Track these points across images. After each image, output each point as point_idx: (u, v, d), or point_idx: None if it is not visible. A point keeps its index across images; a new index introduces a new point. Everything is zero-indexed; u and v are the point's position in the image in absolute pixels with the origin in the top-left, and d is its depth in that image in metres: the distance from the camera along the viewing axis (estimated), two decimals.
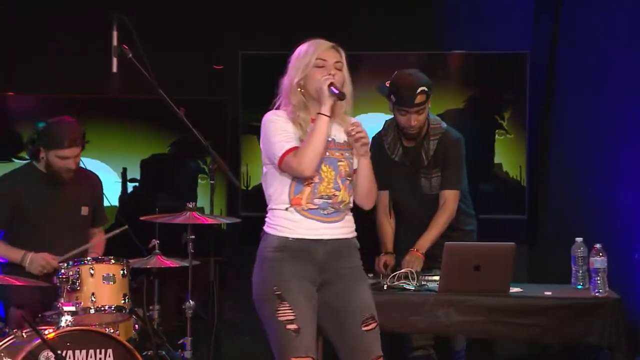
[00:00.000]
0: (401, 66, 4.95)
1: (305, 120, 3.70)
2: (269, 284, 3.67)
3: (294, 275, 3.66)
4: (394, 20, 6.15)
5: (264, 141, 3.73)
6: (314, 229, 3.68)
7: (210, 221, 4.78)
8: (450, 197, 4.76)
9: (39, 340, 4.01)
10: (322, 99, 3.66)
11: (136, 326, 4.69)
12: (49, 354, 4.01)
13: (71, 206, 4.84)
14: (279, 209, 3.70)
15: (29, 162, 4.91)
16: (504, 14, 6.11)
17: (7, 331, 4.17)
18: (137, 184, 6.04)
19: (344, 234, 3.72)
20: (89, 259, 4.47)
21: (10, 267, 4.69)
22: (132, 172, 6.03)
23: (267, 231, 3.73)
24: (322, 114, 3.66)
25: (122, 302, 4.46)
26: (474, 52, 6.03)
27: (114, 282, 4.45)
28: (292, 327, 3.62)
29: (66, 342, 4.10)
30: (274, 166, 3.70)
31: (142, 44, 4.17)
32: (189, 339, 4.71)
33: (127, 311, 4.49)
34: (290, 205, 3.68)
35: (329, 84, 3.65)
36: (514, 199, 5.99)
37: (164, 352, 4.74)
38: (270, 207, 3.75)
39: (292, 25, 5.73)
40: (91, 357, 4.16)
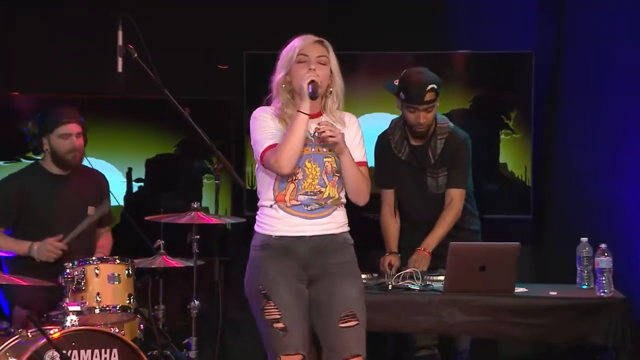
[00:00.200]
0: (405, 66, 4.95)
1: (291, 116, 3.69)
2: (256, 283, 3.70)
3: (280, 273, 3.66)
4: (398, 20, 6.15)
5: (251, 138, 3.76)
6: (296, 226, 3.67)
7: (215, 221, 4.78)
8: (456, 196, 4.76)
9: (44, 340, 4.01)
10: (301, 96, 3.65)
11: (141, 326, 4.69)
12: (54, 354, 4.02)
13: (78, 206, 4.84)
14: (265, 205, 3.73)
15: (35, 162, 4.92)
16: (509, 14, 6.11)
17: (12, 331, 4.17)
18: (142, 184, 6.04)
19: (329, 230, 3.70)
20: (94, 258, 4.47)
21: (15, 266, 4.69)
22: (137, 172, 6.04)
23: (255, 229, 3.77)
24: (300, 111, 3.65)
25: (127, 302, 4.46)
26: (479, 52, 6.02)
27: (119, 282, 4.45)
28: (278, 325, 3.64)
29: (71, 341, 4.11)
30: (259, 163, 3.73)
31: (147, 44, 4.18)
32: (194, 338, 4.71)
33: (132, 311, 4.49)
34: (274, 202, 3.70)
35: (309, 81, 3.63)
36: (519, 199, 5.98)
37: (169, 352, 4.75)
38: (258, 204, 3.78)
39: (297, 24, 5.71)
40: (96, 356, 4.16)
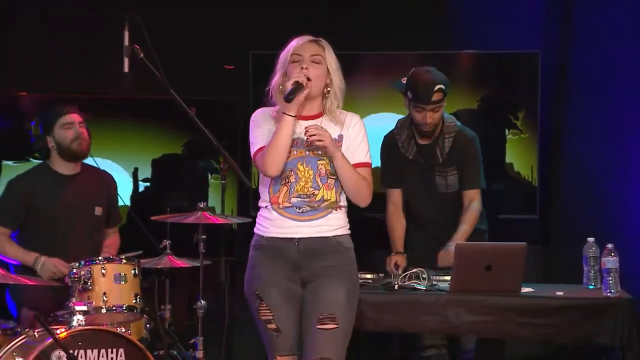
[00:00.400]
0: (410, 66, 4.95)
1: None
2: (250, 283, 3.74)
3: (271, 274, 3.69)
4: (404, 20, 6.14)
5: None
6: (286, 228, 3.68)
7: (221, 221, 4.79)
8: (475, 197, 4.77)
9: (51, 339, 4.02)
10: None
11: (147, 326, 4.70)
12: (61, 354, 4.02)
13: (85, 206, 4.85)
14: (262, 206, 3.76)
15: (42, 162, 4.93)
16: (515, 14, 6.10)
17: (19, 331, 4.18)
18: (149, 184, 6.05)
19: (320, 233, 3.68)
20: (100, 258, 4.48)
21: (23, 266, 4.70)
22: (144, 172, 6.04)
23: (254, 230, 3.79)
24: (285, 113, 3.64)
25: (134, 301, 4.47)
26: (485, 52, 6.01)
27: (126, 282, 4.46)
28: (271, 327, 3.68)
29: (78, 341, 4.11)
30: None
31: (152, 44, 4.18)
32: (200, 338, 4.71)
33: (138, 311, 4.50)
34: (269, 203, 3.72)
35: (293, 82, 3.61)
36: (525, 199, 5.98)
37: (175, 352, 4.76)
38: (258, 204, 3.81)
39: (304, 24, 5.73)
40: (103, 356, 4.17)
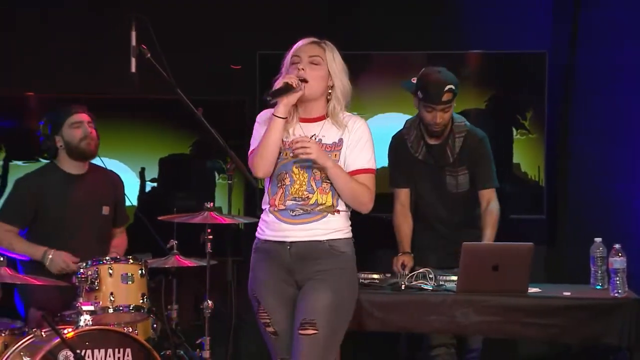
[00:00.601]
0: (419, 66, 4.95)
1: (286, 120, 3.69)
2: (250, 286, 3.75)
3: (267, 277, 3.69)
4: (412, 19, 6.14)
5: None
6: (279, 231, 3.67)
7: (228, 221, 4.79)
8: (491, 196, 4.77)
9: (58, 339, 4.02)
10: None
11: (154, 326, 4.70)
12: (68, 353, 4.03)
13: (92, 206, 4.86)
14: (263, 209, 3.76)
15: (50, 161, 4.94)
16: (522, 14, 6.10)
17: (27, 330, 4.19)
18: (156, 184, 6.06)
19: (313, 236, 3.64)
20: (107, 258, 4.48)
21: (30, 266, 4.71)
22: (151, 172, 6.05)
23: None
24: (275, 115, 3.63)
25: (141, 301, 4.47)
26: (492, 52, 6.01)
27: (133, 282, 4.46)
28: (270, 330, 3.70)
29: (85, 341, 4.12)
30: None
31: (160, 44, 4.19)
32: (207, 338, 4.72)
33: (145, 311, 4.50)
34: (268, 205, 3.72)
35: (283, 83, 3.59)
36: (532, 199, 5.97)
37: (182, 352, 4.76)
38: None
39: (311, 24, 5.75)
40: (110, 356, 4.18)
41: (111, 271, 4.42)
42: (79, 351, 4.03)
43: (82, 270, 4.35)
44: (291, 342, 3.65)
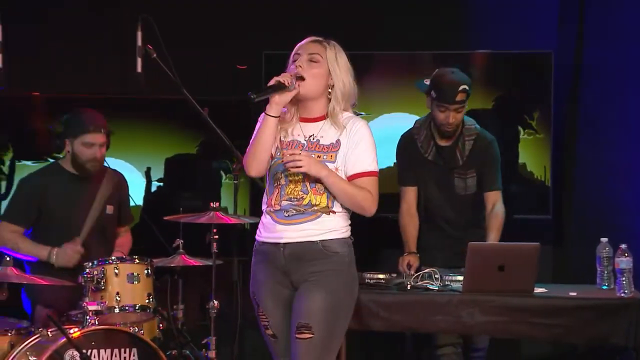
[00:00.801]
0: (425, 66, 4.95)
1: (284, 118, 3.68)
2: (250, 288, 3.74)
3: (265, 280, 3.67)
4: (419, 19, 6.14)
5: None
6: (273, 232, 3.63)
7: (233, 221, 4.79)
8: (496, 199, 4.77)
9: (64, 339, 4.03)
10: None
11: (160, 325, 4.70)
12: (74, 353, 4.04)
13: (96, 205, 4.86)
14: (262, 210, 3.73)
15: (54, 161, 4.94)
16: (529, 14, 6.09)
17: (33, 330, 4.20)
18: (161, 184, 6.06)
19: (305, 237, 3.59)
20: (113, 258, 4.48)
21: (37, 266, 4.72)
22: (156, 172, 6.06)
23: None
24: (265, 113, 3.60)
25: (147, 301, 4.47)
26: (499, 52, 6.01)
27: (139, 282, 4.46)
28: (269, 332, 3.69)
29: (91, 341, 4.12)
30: None
31: (165, 44, 4.19)
32: (213, 338, 4.71)
33: (151, 310, 4.50)
34: (266, 206, 3.69)
35: (275, 81, 3.56)
36: (538, 199, 5.97)
37: (188, 352, 4.76)
38: None
39: (317, 24, 5.73)
40: (116, 356, 4.18)
41: (117, 271, 4.42)
42: (85, 351, 4.04)
43: (88, 270, 4.35)
44: (289, 345, 3.62)
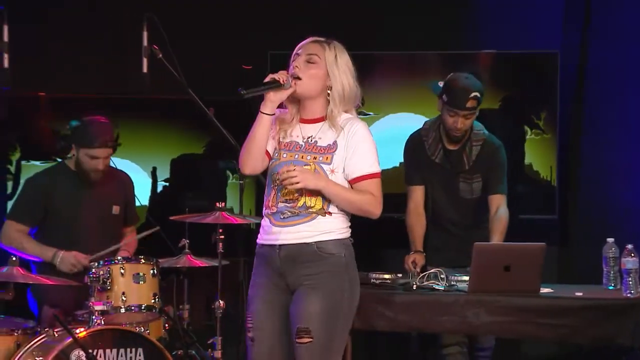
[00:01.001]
0: (432, 66, 4.95)
1: (284, 119, 3.67)
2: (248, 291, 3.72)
3: (262, 282, 3.64)
4: (425, 19, 6.14)
5: None
6: (270, 234, 3.62)
7: (239, 221, 4.79)
8: (501, 202, 4.76)
9: (70, 339, 4.04)
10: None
11: (166, 325, 4.71)
12: (80, 353, 4.04)
13: (102, 205, 4.87)
14: (262, 213, 3.71)
15: (61, 161, 4.95)
16: (534, 14, 6.09)
17: (39, 330, 4.20)
18: (167, 184, 6.07)
19: (300, 239, 3.57)
20: (119, 258, 4.49)
21: (43, 266, 4.73)
22: (162, 172, 6.06)
23: None
24: (260, 111, 3.59)
25: (152, 301, 4.48)
26: (504, 52, 6.00)
27: (144, 282, 4.46)
28: (249, 335, 3.65)
29: (97, 341, 4.13)
30: None
31: (171, 44, 4.20)
32: (219, 338, 4.72)
33: (157, 310, 4.51)
34: (264, 208, 3.68)
35: (270, 78, 3.55)
36: (544, 199, 5.96)
37: (193, 352, 4.76)
38: None
39: (322, 24, 5.73)
40: (122, 356, 4.19)
41: (123, 271, 4.43)
42: (91, 351, 4.05)
43: (94, 270, 4.36)
44: (269, 350, 3.60)
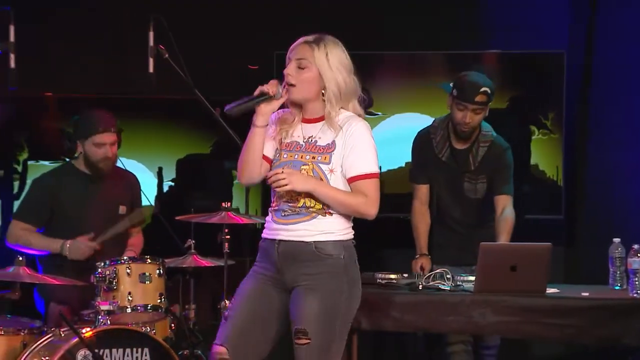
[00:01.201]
0: (437, 66, 4.96)
1: (285, 120, 3.67)
2: None
3: (256, 271, 3.66)
4: (431, 19, 6.14)
5: None
6: (271, 230, 3.64)
7: (245, 221, 4.80)
8: (506, 203, 4.77)
9: (77, 339, 4.04)
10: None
11: (172, 325, 4.70)
12: (87, 353, 4.05)
13: (109, 205, 4.88)
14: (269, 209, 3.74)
15: (68, 161, 4.96)
16: (540, 14, 6.09)
17: (46, 330, 4.21)
18: (173, 184, 6.07)
19: (298, 237, 3.56)
20: (125, 258, 4.49)
21: (49, 265, 4.73)
22: (168, 172, 6.07)
23: None
24: (253, 124, 3.59)
25: (158, 301, 4.47)
26: (510, 52, 6.00)
27: (150, 282, 4.46)
28: (225, 314, 3.66)
29: (103, 341, 4.13)
30: None
31: (177, 44, 4.20)
32: None
33: (163, 310, 4.51)
34: (271, 205, 3.69)
35: (259, 91, 3.56)
36: (550, 199, 5.96)
37: (199, 352, 4.76)
38: None
39: (327, 24, 5.73)
40: (128, 356, 4.19)
41: (129, 271, 4.43)
42: (97, 350, 4.05)
43: (100, 269, 4.37)
44: (238, 333, 3.59)
